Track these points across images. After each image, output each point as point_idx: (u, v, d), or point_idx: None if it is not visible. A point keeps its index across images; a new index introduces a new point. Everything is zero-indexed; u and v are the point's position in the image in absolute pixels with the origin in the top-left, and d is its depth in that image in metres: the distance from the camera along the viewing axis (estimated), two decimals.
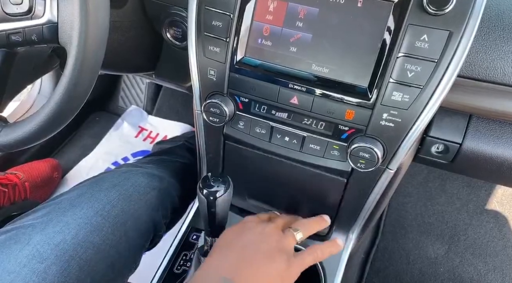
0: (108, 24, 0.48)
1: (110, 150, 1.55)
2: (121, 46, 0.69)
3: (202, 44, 0.60)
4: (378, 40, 0.53)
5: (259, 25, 0.57)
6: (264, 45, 0.58)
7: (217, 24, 0.58)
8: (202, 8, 0.58)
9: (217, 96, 0.63)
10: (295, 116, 0.62)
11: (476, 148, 0.66)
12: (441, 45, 0.51)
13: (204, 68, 0.62)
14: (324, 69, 0.57)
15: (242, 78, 0.61)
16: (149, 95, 1.65)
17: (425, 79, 0.52)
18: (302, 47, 0.57)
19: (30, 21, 0.48)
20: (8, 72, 0.54)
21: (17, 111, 1.40)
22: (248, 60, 0.60)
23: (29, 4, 0.48)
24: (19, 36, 0.49)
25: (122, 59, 0.74)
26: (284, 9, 0.56)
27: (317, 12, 0.55)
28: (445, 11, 0.49)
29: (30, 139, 0.51)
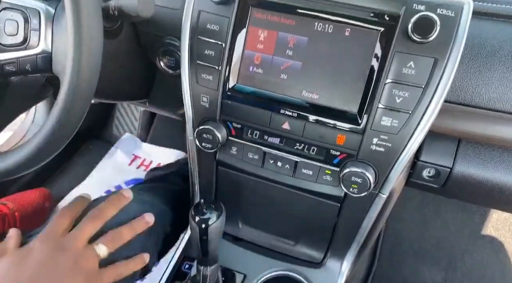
0: (101, 54, 0.49)
1: (103, 178, 1.53)
2: (115, 75, 0.70)
3: (195, 72, 0.61)
4: (366, 67, 0.55)
5: (250, 53, 0.59)
6: (256, 73, 0.59)
7: (210, 53, 0.60)
8: (195, 38, 0.60)
9: (209, 122, 0.63)
10: (287, 141, 0.62)
11: (467, 172, 0.67)
12: (427, 72, 0.52)
13: (197, 95, 0.63)
14: (314, 95, 0.58)
15: (234, 104, 0.62)
16: (143, 123, 1.65)
17: (413, 105, 0.54)
18: (292, 74, 0.58)
19: (25, 52, 0.49)
20: (1, 101, 0.55)
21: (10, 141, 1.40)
22: (240, 87, 0.61)
23: (24, 35, 0.49)
24: (13, 66, 0.50)
25: (116, 87, 0.75)
26: (274, 38, 0.57)
27: (306, 41, 0.56)
28: (430, 39, 0.51)
29: (22, 168, 0.50)
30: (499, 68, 0.56)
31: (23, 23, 0.48)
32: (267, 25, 0.57)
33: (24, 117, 1.47)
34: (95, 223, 0.64)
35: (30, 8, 0.48)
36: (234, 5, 0.57)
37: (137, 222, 0.70)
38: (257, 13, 0.57)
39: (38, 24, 0.48)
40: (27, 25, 0.48)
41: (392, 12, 0.52)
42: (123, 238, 0.66)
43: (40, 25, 0.48)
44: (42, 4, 0.49)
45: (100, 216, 0.65)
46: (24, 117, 1.47)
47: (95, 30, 0.46)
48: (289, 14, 0.56)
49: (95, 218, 0.65)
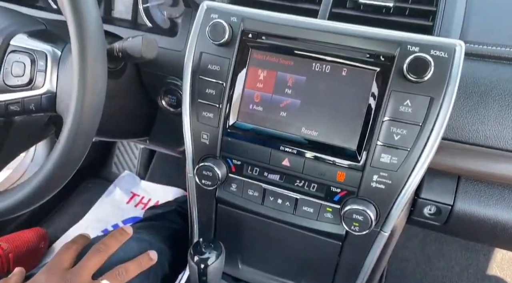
0: (105, 94, 0.50)
1: (101, 217, 1.51)
2: (117, 113, 0.72)
3: (196, 110, 0.63)
4: (364, 105, 0.56)
5: (250, 92, 0.60)
6: (256, 111, 0.61)
7: (211, 92, 0.61)
8: (196, 77, 0.62)
9: (209, 159, 0.63)
10: (287, 178, 0.62)
11: (468, 209, 0.66)
12: (424, 110, 0.53)
13: (197, 133, 0.63)
14: (314, 132, 0.59)
15: (234, 141, 0.62)
16: (142, 161, 1.65)
17: (411, 142, 0.54)
18: (291, 112, 0.59)
19: (30, 92, 0.51)
20: (3, 140, 0.55)
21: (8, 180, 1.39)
22: (240, 125, 0.62)
23: (30, 76, 0.50)
24: (18, 106, 0.51)
25: (117, 126, 0.76)
26: (273, 77, 0.59)
27: (305, 80, 0.58)
28: (425, 79, 0.52)
29: (22, 207, 0.50)
30: (493, 106, 0.57)
31: (30, 65, 0.50)
32: (267, 66, 0.59)
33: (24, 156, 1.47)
34: (99, 256, 0.64)
35: (37, 51, 0.50)
36: (235, 46, 0.59)
37: (143, 258, 0.70)
38: (257, 54, 0.59)
39: (44, 65, 0.49)
40: (34, 67, 0.50)
41: (387, 53, 0.54)
42: (128, 274, 0.65)
43: (47, 67, 0.50)
44: (49, 47, 0.51)
45: (104, 249, 0.65)
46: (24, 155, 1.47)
47: (100, 71, 0.47)
48: (288, 55, 0.58)
49: (99, 252, 0.65)
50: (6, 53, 0.50)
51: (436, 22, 0.60)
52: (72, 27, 0.44)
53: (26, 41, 0.51)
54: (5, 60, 0.49)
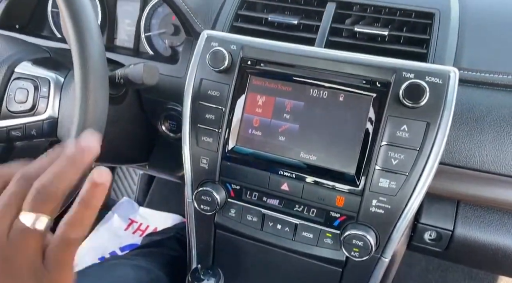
0: (106, 119, 0.51)
1: (98, 244, 1.49)
2: (117, 139, 0.72)
3: (195, 135, 0.63)
4: (361, 130, 0.57)
5: (249, 117, 0.61)
6: (255, 135, 0.61)
7: (210, 117, 0.62)
8: (196, 103, 0.63)
9: (208, 184, 0.63)
10: (286, 203, 0.62)
11: (468, 235, 0.65)
12: (421, 135, 0.54)
13: (196, 157, 0.64)
14: (312, 157, 0.59)
15: (233, 166, 0.62)
16: (141, 187, 1.65)
17: (409, 167, 0.54)
18: (290, 137, 0.60)
19: (32, 118, 0.51)
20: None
21: None
22: (240, 149, 0.62)
23: (33, 102, 0.51)
24: (19, 132, 0.52)
25: (117, 151, 0.76)
26: (272, 103, 0.60)
27: (303, 105, 0.59)
28: (421, 104, 0.53)
29: None
30: (489, 132, 0.58)
31: (33, 91, 0.51)
32: (265, 91, 0.60)
33: None
34: None
35: (41, 78, 0.51)
36: (234, 73, 0.61)
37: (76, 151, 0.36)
38: (256, 80, 0.61)
39: (47, 92, 0.51)
40: (37, 93, 0.51)
41: (383, 79, 0.56)
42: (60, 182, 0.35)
43: (49, 93, 0.51)
44: (52, 74, 0.52)
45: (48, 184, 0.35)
46: None
47: (101, 97, 0.48)
48: (286, 81, 0.59)
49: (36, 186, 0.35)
50: (11, 80, 0.51)
51: (430, 49, 0.61)
52: (75, 54, 0.46)
53: (30, 68, 0.52)
54: (9, 87, 0.51)
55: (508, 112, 0.58)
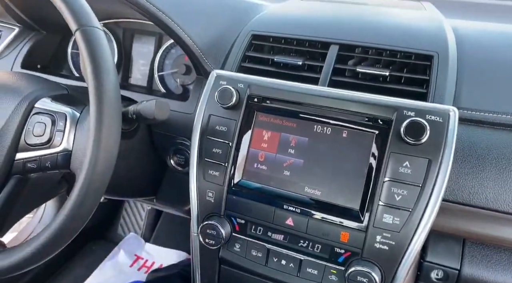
0: (117, 153, 0.53)
1: (103, 280, 1.47)
2: (126, 172, 0.74)
3: (202, 169, 0.65)
4: (364, 166, 0.58)
5: (255, 151, 0.63)
6: (260, 169, 0.63)
7: (217, 151, 0.64)
8: (204, 137, 0.65)
9: (214, 218, 0.64)
10: (291, 238, 0.62)
11: (476, 274, 0.64)
12: (423, 171, 0.55)
13: (203, 191, 0.65)
14: (317, 191, 0.60)
15: (239, 199, 0.63)
16: (148, 222, 1.65)
17: (412, 203, 0.55)
18: (295, 171, 0.61)
19: (47, 150, 0.54)
20: (18, 196, 0.57)
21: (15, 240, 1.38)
22: (245, 183, 0.63)
23: (50, 135, 0.54)
24: (35, 164, 0.54)
25: (127, 185, 0.78)
26: (277, 138, 0.62)
27: (307, 141, 0.61)
28: (422, 141, 0.55)
29: (29, 262, 0.50)
30: (491, 170, 0.58)
31: (51, 125, 0.54)
32: (271, 127, 0.62)
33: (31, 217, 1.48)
34: None
35: (58, 112, 0.55)
36: (241, 109, 0.64)
37: None
38: (262, 116, 0.63)
39: (63, 125, 0.53)
40: (54, 127, 0.54)
41: (385, 117, 0.58)
42: None
43: (65, 127, 0.54)
44: (69, 109, 0.55)
45: None
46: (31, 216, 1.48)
47: (114, 131, 0.51)
48: (291, 117, 0.62)
49: None
50: (31, 115, 0.54)
51: (430, 89, 0.64)
52: (92, 90, 0.49)
53: (49, 104, 0.55)
54: (29, 121, 0.54)
55: (509, 151, 0.59)
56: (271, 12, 0.82)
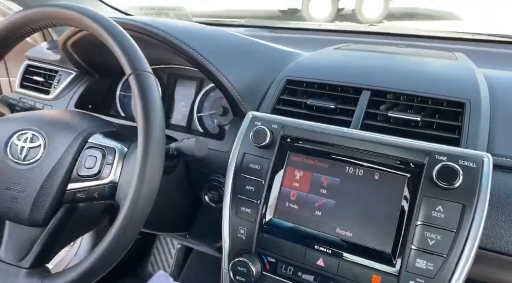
0: (158, 187, 0.57)
1: None
2: (164, 206, 0.78)
3: (235, 205, 0.67)
4: (396, 208, 0.58)
5: (287, 190, 0.65)
6: (292, 208, 0.64)
7: (250, 189, 0.67)
8: (238, 175, 0.68)
9: (245, 255, 0.65)
10: (321, 279, 0.62)
11: None
12: (457, 216, 0.55)
13: (235, 227, 0.67)
14: (348, 233, 0.60)
15: (270, 238, 0.65)
16: (178, 261, 1.66)
17: (446, 248, 0.54)
18: (326, 212, 0.62)
19: (96, 181, 0.59)
20: (65, 225, 0.62)
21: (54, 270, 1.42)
22: (276, 222, 0.65)
23: (99, 168, 0.59)
24: (84, 194, 0.59)
25: (163, 218, 0.81)
26: (309, 178, 0.64)
27: (339, 182, 0.62)
28: (455, 186, 0.55)
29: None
30: None
31: (101, 158, 0.59)
32: (303, 167, 0.65)
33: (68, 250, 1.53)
34: None
35: (108, 147, 0.60)
36: (275, 149, 0.66)
37: None
38: (294, 156, 0.66)
39: (112, 159, 0.58)
40: (104, 160, 0.59)
41: (416, 161, 0.59)
42: None
43: (114, 160, 0.58)
44: (118, 144, 0.61)
45: None
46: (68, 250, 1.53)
47: (157, 167, 0.55)
48: (323, 158, 0.64)
49: None
50: (84, 149, 0.60)
51: (462, 135, 0.64)
52: (141, 128, 0.54)
53: (100, 139, 0.61)
54: (82, 154, 0.59)
55: None
56: (305, 59, 0.87)
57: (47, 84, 0.98)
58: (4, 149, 0.60)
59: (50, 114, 0.66)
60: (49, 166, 0.58)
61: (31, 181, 0.58)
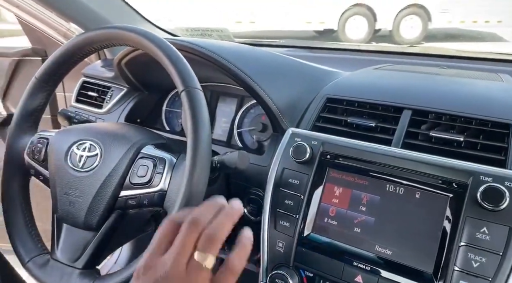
0: (204, 196, 0.60)
1: None
2: None
3: (274, 219, 0.69)
4: (439, 228, 0.58)
5: (326, 206, 0.66)
6: (330, 224, 0.65)
7: (289, 203, 0.68)
8: (277, 189, 0.70)
9: (283, 268, 0.66)
10: None
11: None
12: (503, 239, 0.53)
13: (273, 240, 0.68)
14: (388, 251, 0.60)
15: (308, 252, 0.65)
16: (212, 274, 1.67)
17: (492, 271, 0.53)
18: (365, 229, 0.62)
19: (147, 189, 0.63)
20: (116, 230, 0.66)
21: None
22: (315, 237, 0.66)
23: (150, 176, 0.63)
24: (134, 201, 0.63)
25: None
26: (348, 195, 0.65)
27: (379, 199, 0.63)
28: (501, 208, 0.54)
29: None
30: None
31: (152, 168, 0.63)
32: (342, 183, 0.66)
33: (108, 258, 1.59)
34: None
35: (159, 158, 0.64)
36: (314, 165, 0.68)
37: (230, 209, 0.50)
38: (334, 172, 0.67)
39: (162, 169, 0.62)
40: (154, 170, 0.63)
41: (460, 181, 0.58)
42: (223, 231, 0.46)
43: (164, 170, 0.62)
44: (168, 155, 0.65)
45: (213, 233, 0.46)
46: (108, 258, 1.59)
47: (203, 177, 0.58)
48: (363, 175, 0.64)
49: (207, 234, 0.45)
50: (136, 158, 0.64)
51: (509, 156, 0.62)
52: (190, 142, 0.58)
53: (152, 150, 0.66)
54: (135, 164, 0.64)
55: None
56: (345, 78, 0.88)
57: (100, 99, 1.06)
58: (65, 157, 0.65)
59: (106, 126, 0.72)
60: (104, 174, 0.63)
61: (87, 187, 0.63)
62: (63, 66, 0.71)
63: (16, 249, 0.67)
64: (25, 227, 0.69)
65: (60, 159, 0.66)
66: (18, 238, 0.67)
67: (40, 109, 0.73)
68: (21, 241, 0.67)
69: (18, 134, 0.71)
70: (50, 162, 0.67)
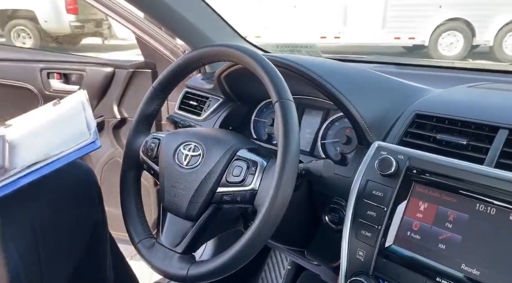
0: (289, 199, 0.65)
1: None
2: (285, 220, 0.85)
3: (355, 228, 0.71)
4: None
5: (409, 220, 0.67)
6: (413, 238, 0.65)
7: (371, 214, 0.70)
8: (360, 199, 0.72)
9: (362, 276, 0.68)
10: None
11: None
12: None
13: (354, 249, 0.71)
14: (475, 271, 0.59)
15: (388, 263, 0.66)
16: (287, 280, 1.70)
17: None
18: (451, 246, 0.62)
19: (240, 188, 0.70)
20: (211, 222, 0.74)
21: None
22: (396, 249, 0.67)
23: (243, 176, 0.70)
24: (229, 197, 0.71)
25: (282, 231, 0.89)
26: (434, 210, 0.65)
27: (467, 218, 0.62)
28: None
29: (213, 275, 0.66)
30: None
31: (245, 169, 0.70)
32: (428, 199, 0.66)
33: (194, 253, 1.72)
34: None
35: (252, 160, 0.71)
36: (399, 179, 0.69)
37: None
38: (419, 187, 0.67)
39: (254, 170, 0.69)
40: (247, 171, 0.70)
41: None
42: None
43: (256, 172, 0.69)
44: (260, 158, 0.71)
45: None
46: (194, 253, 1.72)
47: (291, 181, 0.64)
48: (450, 192, 0.64)
49: None
50: (232, 160, 0.72)
51: None
52: (281, 148, 0.64)
53: (246, 153, 0.73)
54: (231, 164, 0.72)
55: None
56: (436, 95, 0.88)
57: (199, 108, 1.18)
58: (173, 155, 0.76)
59: (208, 131, 0.82)
60: (205, 171, 0.72)
61: (190, 183, 0.73)
62: (176, 78, 0.83)
63: (129, 232, 0.79)
64: (136, 214, 0.81)
65: (169, 156, 0.76)
66: (131, 223, 0.80)
67: (154, 114, 0.86)
68: (133, 225, 0.79)
69: (136, 134, 0.84)
70: (161, 159, 0.78)
